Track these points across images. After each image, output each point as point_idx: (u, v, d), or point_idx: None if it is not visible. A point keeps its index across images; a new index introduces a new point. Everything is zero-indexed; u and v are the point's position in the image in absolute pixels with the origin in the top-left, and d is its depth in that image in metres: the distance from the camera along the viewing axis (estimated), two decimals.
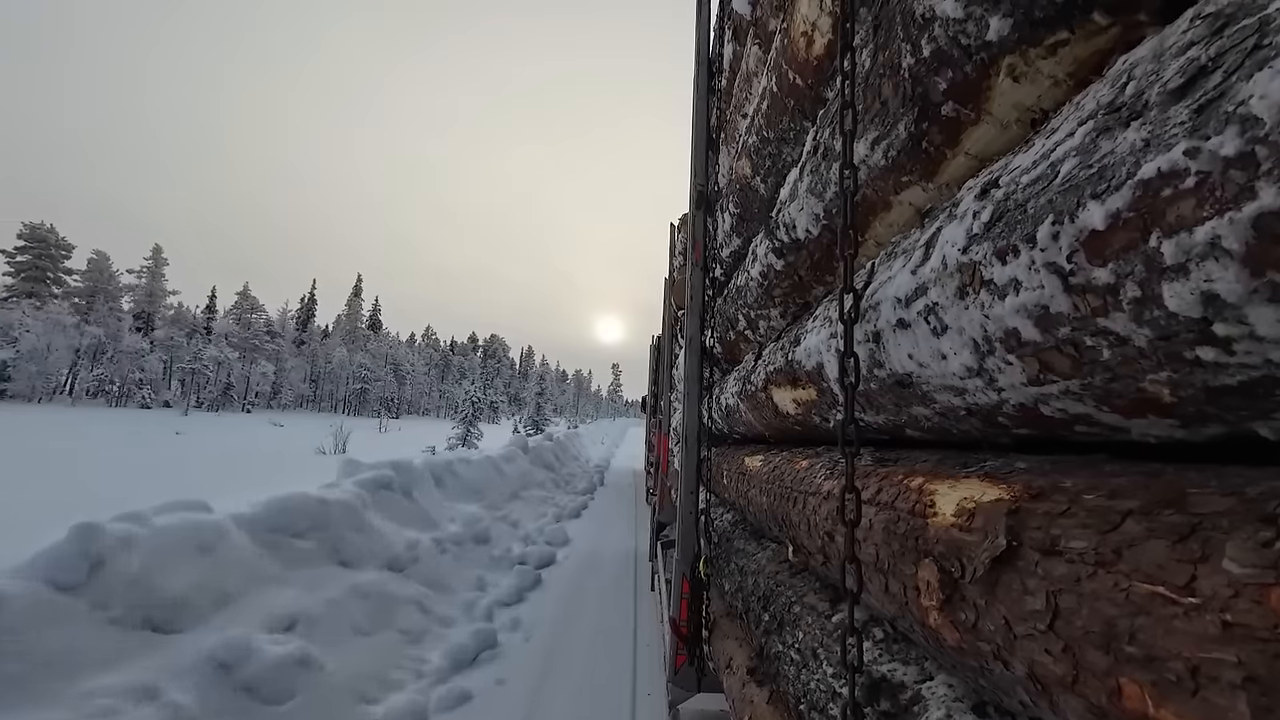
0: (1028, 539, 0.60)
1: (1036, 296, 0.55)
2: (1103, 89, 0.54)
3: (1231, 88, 0.38)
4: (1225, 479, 0.45)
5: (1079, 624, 0.52)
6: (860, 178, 1.04)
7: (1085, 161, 0.51)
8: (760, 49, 2.05)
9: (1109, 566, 0.49)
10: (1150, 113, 0.45)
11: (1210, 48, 0.41)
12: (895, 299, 0.84)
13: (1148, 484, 0.51)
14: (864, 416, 1.12)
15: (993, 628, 0.64)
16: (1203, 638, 0.41)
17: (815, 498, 1.30)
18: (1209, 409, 0.47)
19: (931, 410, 0.88)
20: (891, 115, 0.93)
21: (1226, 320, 0.40)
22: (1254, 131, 0.35)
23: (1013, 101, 0.74)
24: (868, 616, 1.11)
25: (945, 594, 0.72)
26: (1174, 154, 0.41)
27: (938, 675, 0.89)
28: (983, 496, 0.70)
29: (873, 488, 0.98)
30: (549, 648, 3.58)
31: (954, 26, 0.75)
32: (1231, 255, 0.37)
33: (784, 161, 1.72)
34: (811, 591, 1.43)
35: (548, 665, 3.34)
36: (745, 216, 2.22)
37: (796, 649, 1.31)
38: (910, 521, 0.83)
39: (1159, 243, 0.42)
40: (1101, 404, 0.57)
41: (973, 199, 0.70)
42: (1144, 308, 0.45)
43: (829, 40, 1.28)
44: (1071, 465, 0.64)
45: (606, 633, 3.86)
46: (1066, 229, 0.50)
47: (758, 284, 1.95)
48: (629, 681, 3.22)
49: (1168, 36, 0.48)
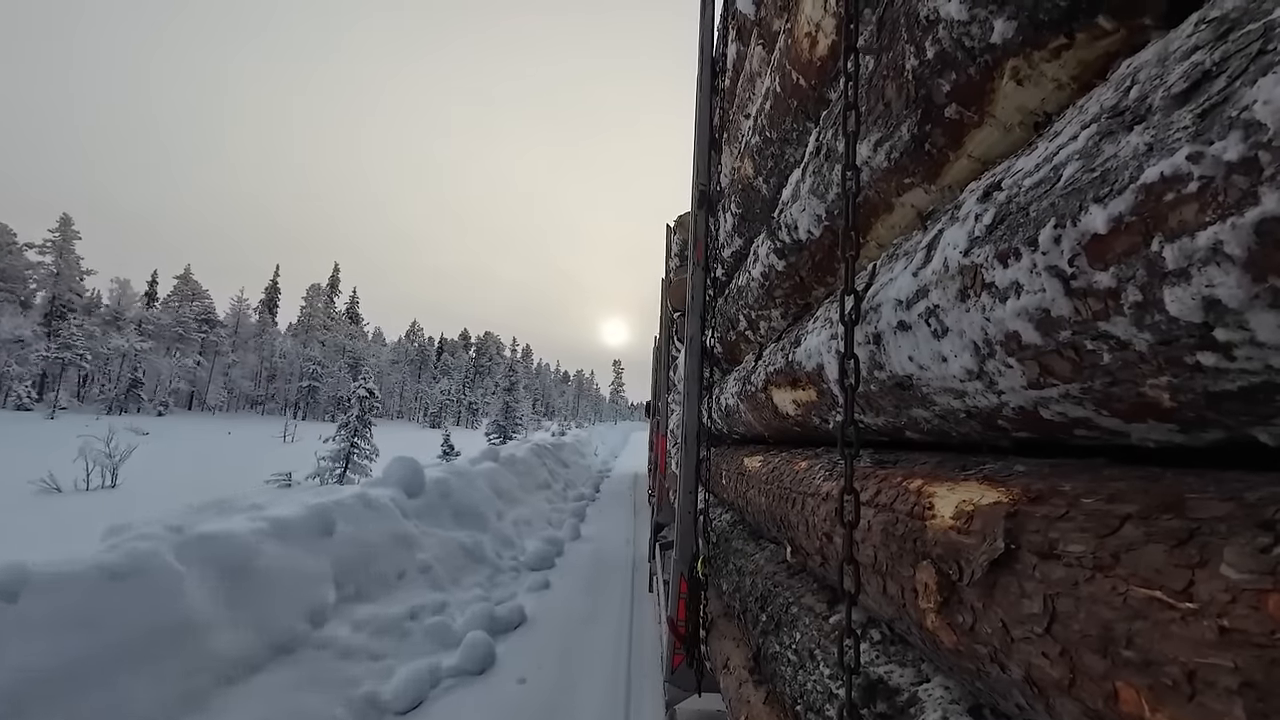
0: (1026, 542, 0.60)
1: (1038, 300, 0.55)
2: (1106, 92, 0.54)
3: (1235, 93, 0.38)
4: (1224, 484, 0.45)
5: (1076, 628, 0.52)
6: (862, 179, 1.04)
7: (1088, 165, 0.51)
8: (764, 49, 2.05)
9: (1107, 570, 0.49)
10: (1154, 117, 0.45)
11: (1215, 52, 0.41)
12: (896, 301, 0.84)
13: (1147, 488, 0.51)
14: (864, 418, 1.12)
15: (990, 630, 0.64)
16: (1200, 643, 0.41)
17: (814, 499, 1.30)
18: (1209, 414, 0.47)
19: (931, 412, 0.88)
20: (894, 117, 0.93)
21: (1227, 325, 0.39)
22: (1257, 137, 0.35)
23: (1016, 104, 0.74)
24: (865, 618, 1.11)
25: (943, 596, 0.72)
26: (1177, 158, 0.40)
27: (934, 677, 0.89)
28: (982, 499, 0.70)
29: (872, 489, 0.98)
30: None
31: (958, 29, 0.75)
32: (1233, 260, 0.37)
33: (786, 162, 1.72)
34: (809, 592, 1.43)
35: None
36: (747, 217, 2.22)
37: (794, 650, 1.32)
38: (909, 523, 0.83)
39: (1161, 247, 0.42)
40: (1101, 408, 0.57)
41: (975, 201, 0.70)
42: (1145, 312, 0.45)
43: (833, 41, 1.28)
44: (1071, 469, 0.64)
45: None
46: (1068, 232, 0.50)
47: (759, 284, 1.95)
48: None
49: (1172, 40, 0.48)
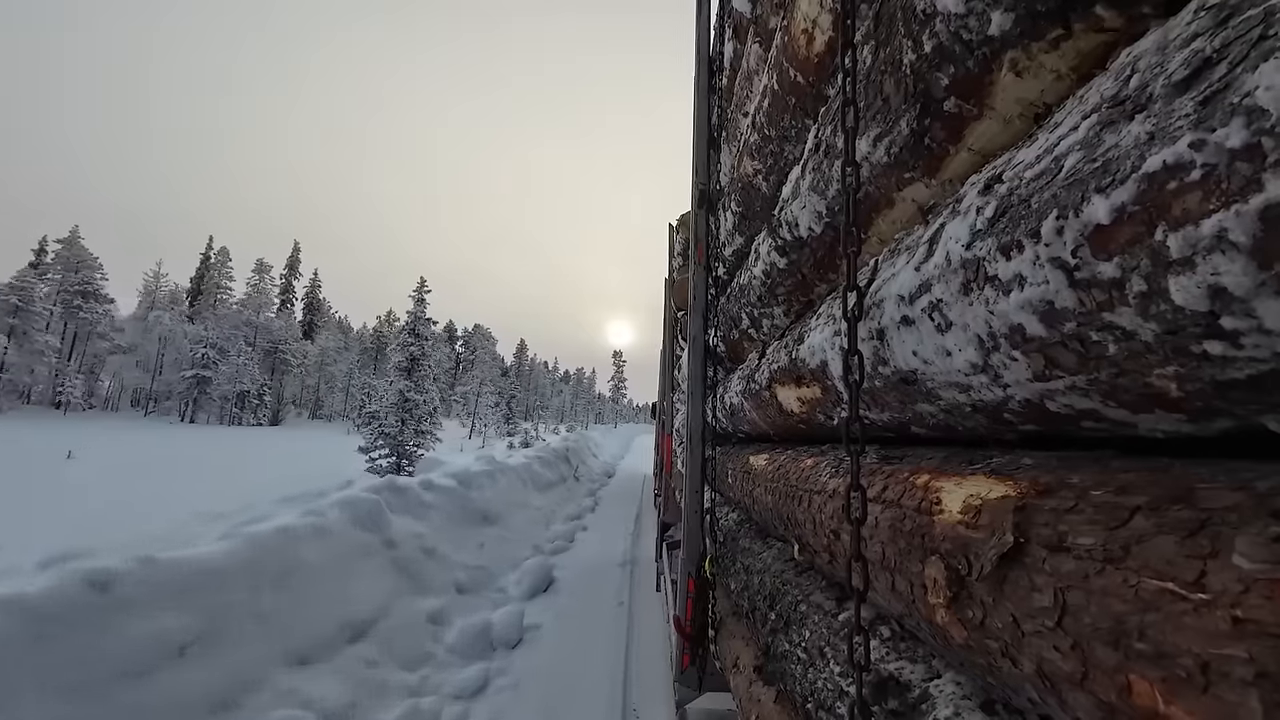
0: (1035, 536, 0.60)
1: (1041, 292, 0.55)
2: (1106, 82, 0.54)
3: (1237, 79, 0.38)
4: (1234, 473, 0.45)
5: (1087, 621, 0.51)
6: (863, 175, 1.04)
7: (1089, 155, 0.50)
8: (761, 47, 2.05)
9: (1117, 563, 0.49)
10: (1155, 105, 0.45)
11: (1215, 39, 0.41)
12: (899, 296, 0.83)
13: (1156, 479, 0.51)
14: (869, 414, 1.12)
15: (1000, 625, 0.64)
16: (1213, 634, 0.41)
17: (820, 496, 1.30)
18: (1217, 403, 0.47)
19: (937, 407, 0.88)
20: (893, 112, 0.93)
21: (1234, 314, 0.39)
22: (1260, 123, 0.35)
23: (1015, 96, 0.74)
24: (874, 615, 1.11)
25: (952, 591, 0.72)
26: (1179, 147, 0.40)
27: (945, 673, 0.89)
28: (989, 493, 0.70)
29: (878, 485, 0.98)
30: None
31: (955, 22, 0.74)
32: (1239, 248, 0.37)
33: (786, 159, 1.71)
34: (818, 590, 1.43)
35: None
36: (747, 215, 2.22)
37: (803, 648, 1.31)
38: (916, 519, 0.83)
39: (1165, 236, 0.42)
40: (1108, 399, 0.57)
41: (976, 195, 0.70)
42: (1150, 302, 0.45)
43: (830, 37, 1.27)
44: (1078, 461, 0.63)
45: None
46: (1071, 224, 0.50)
47: (761, 282, 1.95)
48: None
49: (1171, 28, 0.48)
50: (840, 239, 1.13)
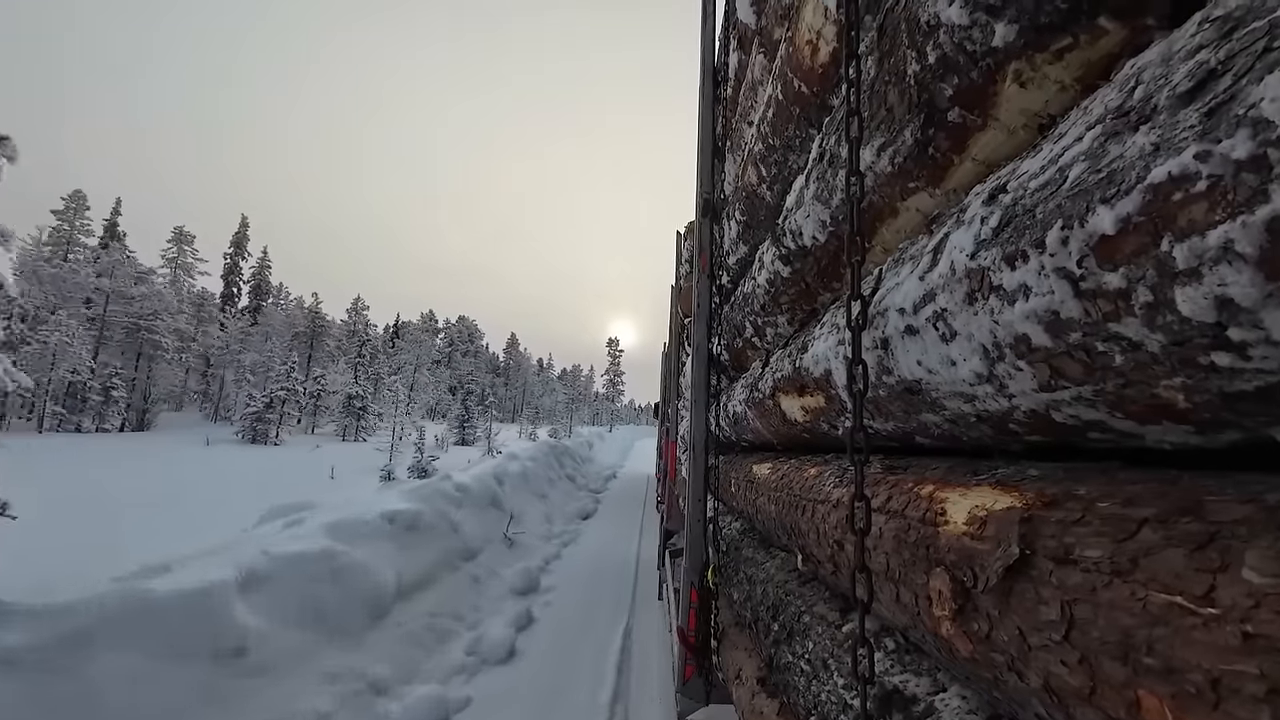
0: (1041, 548, 0.59)
1: (1046, 302, 0.55)
2: (1110, 93, 0.54)
3: (1242, 91, 0.38)
4: (1244, 486, 0.45)
5: (1095, 634, 0.51)
6: (867, 184, 1.04)
7: (1094, 166, 0.50)
8: (765, 58, 2.06)
9: (1125, 576, 0.49)
10: (1159, 116, 0.45)
11: (1220, 51, 0.41)
12: (903, 305, 0.83)
13: (1164, 491, 0.50)
14: (873, 424, 1.12)
15: (1007, 638, 0.63)
16: (1223, 649, 0.40)
17: (824, 506, 1.29)
18: (1225, 415, 0.47)
19: (941, 417, 0.88)
20: (897, 122, 0.93)
21: (1241, 325, 0.39)
22: (1266, 135, 0.35)
23: (1020, 107, 0.74)
24: (879, 627, 1.10)
25: (958, 604, 0.71)
26: (1184, 158, 0.40)
27: (951, 687, 0.87)
28: (995, 504, 0.69)
29: (882, 495, 0.97)
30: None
31: (959, 33, 0.75)
32: (1245, 259, 0.37)
33: (790, 169, 1.72)
34: (821, 601, 1.42)
35: None
36: (752, 224, 2.22)
37: (807, 659, 1.30)
38: (921, 530, 0.82)
39: (1170, 247, 0.41)
40: (1115, 410, 0.56)
41: (980, 204, 0.70)
42: (1156, 312, 0.44)
43: (834, 48, 1.28)
44: (1085, 472, 0.63)
45: None
46: (1076, 234, 0.50)
47: (765, 291, 1.95)
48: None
49: (1176, 40, 0.48)
50: (844, 248, 1.13)
